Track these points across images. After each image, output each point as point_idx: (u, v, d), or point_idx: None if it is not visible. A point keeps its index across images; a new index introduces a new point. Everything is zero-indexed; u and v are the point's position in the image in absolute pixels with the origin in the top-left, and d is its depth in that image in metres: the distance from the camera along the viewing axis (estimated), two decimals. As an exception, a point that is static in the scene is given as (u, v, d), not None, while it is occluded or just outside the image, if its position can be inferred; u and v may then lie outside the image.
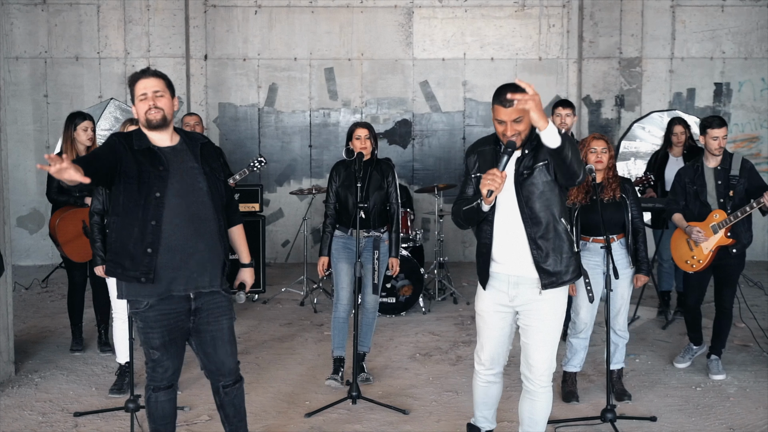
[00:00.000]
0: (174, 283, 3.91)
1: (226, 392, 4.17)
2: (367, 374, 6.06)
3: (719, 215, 5.91)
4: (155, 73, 3.98)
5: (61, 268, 9.65)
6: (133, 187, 3.85)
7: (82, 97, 10.59)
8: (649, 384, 5.94)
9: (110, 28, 10.62)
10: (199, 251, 3.92)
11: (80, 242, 6.51)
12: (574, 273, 4.10)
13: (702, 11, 10.77)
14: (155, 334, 3.96)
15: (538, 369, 4.17)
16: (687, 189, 6.07)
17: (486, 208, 4.02)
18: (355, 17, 10.81)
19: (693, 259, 6.05)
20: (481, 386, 4.49)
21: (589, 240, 5.46)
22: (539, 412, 4.27)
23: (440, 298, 8.63)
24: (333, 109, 10.92)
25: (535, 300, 4.10)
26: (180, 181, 3.90)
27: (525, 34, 10.84)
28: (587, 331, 5.56)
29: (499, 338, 4.28)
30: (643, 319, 7.75)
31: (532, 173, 3.99)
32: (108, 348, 6.66)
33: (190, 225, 3.89)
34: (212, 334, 4.03)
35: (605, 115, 10.70)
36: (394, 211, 5.99)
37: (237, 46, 10.81)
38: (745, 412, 5.37)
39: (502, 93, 3.90)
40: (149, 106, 3.89)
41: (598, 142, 5.44)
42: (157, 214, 3.85)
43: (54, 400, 5.62)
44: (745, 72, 10.81)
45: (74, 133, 6.50)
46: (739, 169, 5.93)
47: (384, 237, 5.97)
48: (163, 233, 3.85)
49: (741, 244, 5.94)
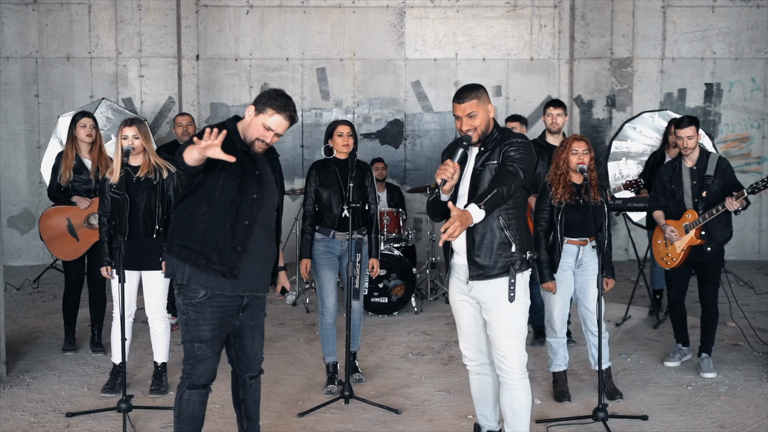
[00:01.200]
0: (247, 283, 4.06)
1: (251, 383, 4.30)
2: (359, 374, 6.04)
3: (691, 215, 6.02)
4: (293, 119, 4.05)
5: (53, 269, 9.64)
6: (234, 185, 3.97)
7: (73, 97, 10.58)
8: (641, 383, 5.96)
9: (101, 28, 10.61)
10: (267, 256, 4.15)
11: (64, 240, 6.50)
12: (502, 270, 4.18)
13: (692, 12, 10.81)
14: (207, 327, 4.02)
15: (507, 359, 4.24)
16: (666, 187, 6.16)
17: (444, 198, 4.16)
18: (347, 17, 10.82)
19: (668, 256, 6.18)
20: (472, 380, 4.57)
21: (565, 241, 5.53)
22: (519, 402, 4.30)
23: (432, 298, 8.64)
24: (325, 109, 10.93)
25: (484, 292, 4.22)
26: (265, 189, 4.08)
27: (517, 35, 10.87)
28: (563, 331, 5.65)
29: (472, 326, 4.40)
30: (634, 318, 7.78)
31: (483, 170, 4.18)
32: (100, 349, 6.65)
33: (264, 230, 4.10)
34: (252, 328, 4.21)
35: (596, 115, 10.73)
36: (373, 212, 5.93)
37: (229, 46, 10.81)
38: (735, 411, 5.40)
39: (458, 92, 4.24)
40: (265, 143, 4.03)
41: (579, 143, 5.48)
42: (252, 215, 4.01)
43: (46, 401, 5.61)
44: (736, 72, 10.86)
45: (75, 131, 6.50)
46: (714, 169, 6.01)
47: (365, 239, 5.90)
48: (252, 235, 4.02)
49: (716, 242, 6.01)
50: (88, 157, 6.57)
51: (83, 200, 6.43)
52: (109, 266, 5.69)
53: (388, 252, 7.87)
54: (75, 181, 6.48)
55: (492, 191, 3.97)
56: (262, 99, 3.98)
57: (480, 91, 4.21)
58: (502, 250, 4.18)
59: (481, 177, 4.18)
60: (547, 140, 6.87)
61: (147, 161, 5.66)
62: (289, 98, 4.03)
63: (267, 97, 3.98)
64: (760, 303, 8.43)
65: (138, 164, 5.65)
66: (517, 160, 4.10)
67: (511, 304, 4.21)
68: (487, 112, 4.20)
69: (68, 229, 6.48)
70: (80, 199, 6.45)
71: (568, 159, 5.48)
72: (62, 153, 6.62)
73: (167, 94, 10.61)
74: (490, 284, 4.22)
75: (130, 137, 5.53)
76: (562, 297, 5.57)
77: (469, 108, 4.15)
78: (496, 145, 4.20)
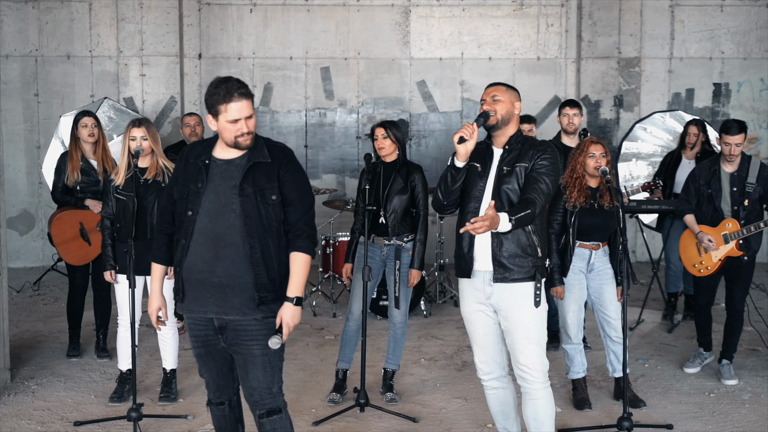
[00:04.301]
0: (201, 305, 3.75)
1: (261, 423, 3.81)
2: (393, 395, 5.67)
3: (732, 225, 5.81)
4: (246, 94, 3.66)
5: (53, 270, 9.47)
6: (181, 204, 3.78)
7: (73, 96, 10.40)
8: (662, 390, 5.83)
9: (102, 26, 10.43)
10: (218, 276, 3.68)
11: (76, 244, 6.36)
12: (528, 274, 4.08)
13: (701, 11, 10.69)
14: (192, 343, 3.88)
15: (529, 367, 4.13)
16: (701, 191, 5.96)
17: (459, 164, 4.07)
18: (351, 16, 10.66)
19: (701, 264, 5.97)
20: (489, 396, 4.45)
21: (577, 244, 5.42)
22: (542, 411, 4.19)
23: (441, 301, 8.51)
24: (329, 109, 10.78)
25: (506, 299, 4.11)
26: (213, 200, 3.69)
27: (523, 34, 10.73)
28: (578, 337, 5.52)
29: (489, 337, 4.27)
30: (647, 322, 7.65)
31: (512, 171, 4.09)
32: (105, 354, 6.49)
33: (217, 247, 3.68)
34: (243, 358, 3.76)
35: (604, 115, 10.61)
36: (418, 217, 5.61)
37: (231, 45, 10.65)
38: (762, 420, 5.27)
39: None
40: (245, 133, 3.66)
41: (596, 146, 5.36)
42: (186, 232, 3.72)
43: (52, 409, 5.45)
44: (744, 72, 10.74)
45: (77, 131, 6.35)
46: (756, 176, 5.81)
47: (407, 246, 5.59)
48: (189, 253, 3.71)
49: (752, 250, 5.85)
50: (93, 157, 6.42)
51: (97, 203, 6.24)
52: (113, 270, 5.55)
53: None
54: (83, 182, 6.33)
55: (525, 210, 3.94)
56: (207, 103, 3.66)
57: (511, 88, 4.25)
58: (528, 254, 4.08)
59: (510, 178, 4.09)
60: (563, 141, 6.74)
61: (155, 163, 5.52)
62: (226, 79, 3.65)
63: (208, 97, 3.65)
64: (773, 306, 8.30)
65: (145, 166, 5.51)
66: (548, 174, 4.07)
67: (535, 309, 4.11)
68: (512, 104, 4.18)
69: (80, 233, 6.33)
70: (94, 202, 6.28)
71: (585, 162, 5.36)
72: (65, 154, 6.46)
73: (169, 93, 10.44)
74: (512, 289, 4.11)
75: (139, 138, 5.39)
76: (575, 302, 5.45)
77: (494, 92, 4.18)
78: (524, 146, 4.14)
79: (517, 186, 4.07)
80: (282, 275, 3.75)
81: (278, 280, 3.74)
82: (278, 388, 3.83)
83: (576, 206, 5.39)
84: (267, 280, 3.70)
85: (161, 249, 3.94)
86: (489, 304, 4.18)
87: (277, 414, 3.82)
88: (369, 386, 5.63)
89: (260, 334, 3.72)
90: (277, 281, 3.73)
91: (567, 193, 5.42)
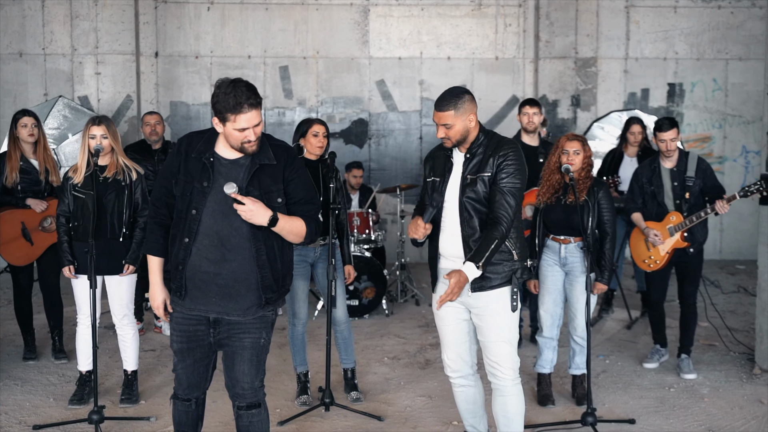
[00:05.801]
0: (205, 305, 3.74)
1: (239, 414, 3.86)
2: (358, 393, 5.65)
3: (676, 218, 5.95)
4: (256, 104, 3.60)
5: (6, 272, 9.26)
6: (182, 200, 3.73)
7: (26, 95, 10.20)
8: (623, 386, 5.90)
9: (56, 24, 10.25)
10: (223, 277, 3.69)
11: (17, 244, 6.21)
12: (504, 278, 4.08)
13: (655, 12, 10.84)
14: (175, 337, 3.83)
15: (500, 365, 4.14)
16: (644, 189, 6.10)
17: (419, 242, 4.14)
18: (310, 15, 10.62)
19: (650, 259, 6.10)
20: (457, 393, 4.44)
21: (549, 237, 5.48)
22: (512, 409, 4.21)
23: (402, 300, 8.51)
24: (288, 108, 10.72)
25: (482, 301, 4.10)
26: (219, 201, 3.66)
27: (481, 34, 10.78)
28: (551, 331, 5.51)
29: (458, 334, 4.26)
30: (605, 318, 7.73)
31: (475, 181, 4.06)
32: (63, 355, 6.37)
33: (222, 249, 3.68)
34: (233, 350, 3.78)
35: (561, 114, 10.71)
36: (343, 217, 5.64)
37: (189, 44, 10.53)
38: (721, 413, 5.36)
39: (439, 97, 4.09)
40: (251, 141, 3.63)
41: (572, 143, 5.38)
42: (190, 231, 3.69)
43: (10, 413, 5.33)
44: (697, 72, 10.92)
45: (16, 131, 6.20)
46: (695, 169, 5.96)
47: (337, 244, 5.59)
48: (193, 253, 3.69)
49: (697, 242, 5.99)
50: (33, 157, 6.27)
51: (39, 203, 6.13)
52: (72, 266, 5.45)
53: (359, 254, 7.71)
54: (23, 182, 6.18)
55: (490, 247, 3.94)
56: (216, 107, 3.60)
57: (462, 99, 4.04)
58: (503, 259, 4.07)
59: (473, 188, 4.04)
60: (523, 140, 6.78)
61: (115, 162, 5.44)
62: (236, 85, 3.58)
63: (217, 102, 3.59)
64: (727, 302, 8.46)
65: (105, 164, 5.42)
66: (513, 183, 4.01)
67: (512, 313, 4.12)
68: (466, 122, 4.04)
69: (22, 233, 6.19)
70: (36, 201, 6.15)
71: (559, 159, 5.39)
72: (4, 154, 6.29)
73: (125, 92, 10.30)
74: (490, 294, 4.10)
75: (98, 136, 5.30)
76: (548, 294, 5.47)
77: (445, 118, 4.03)
78: (486, 152, 4.07)
79: (481, 196, 4.02)
80: (284, 272, 3.82)
81: (281, 279, 3.81)
82: (260, 382, 3.88)
83: (540, 203, 5.48)
84: (272, 281, 3.75)
85: (158, 241, 3.87)
86: (461, 301, 4.17)
87: (257, 408, 3.88)
88: (334, 386, 5.60)
89: (253, 328, 3.78)
90: (280, 280, 3.80)
91: (539, 189, 5.49)
